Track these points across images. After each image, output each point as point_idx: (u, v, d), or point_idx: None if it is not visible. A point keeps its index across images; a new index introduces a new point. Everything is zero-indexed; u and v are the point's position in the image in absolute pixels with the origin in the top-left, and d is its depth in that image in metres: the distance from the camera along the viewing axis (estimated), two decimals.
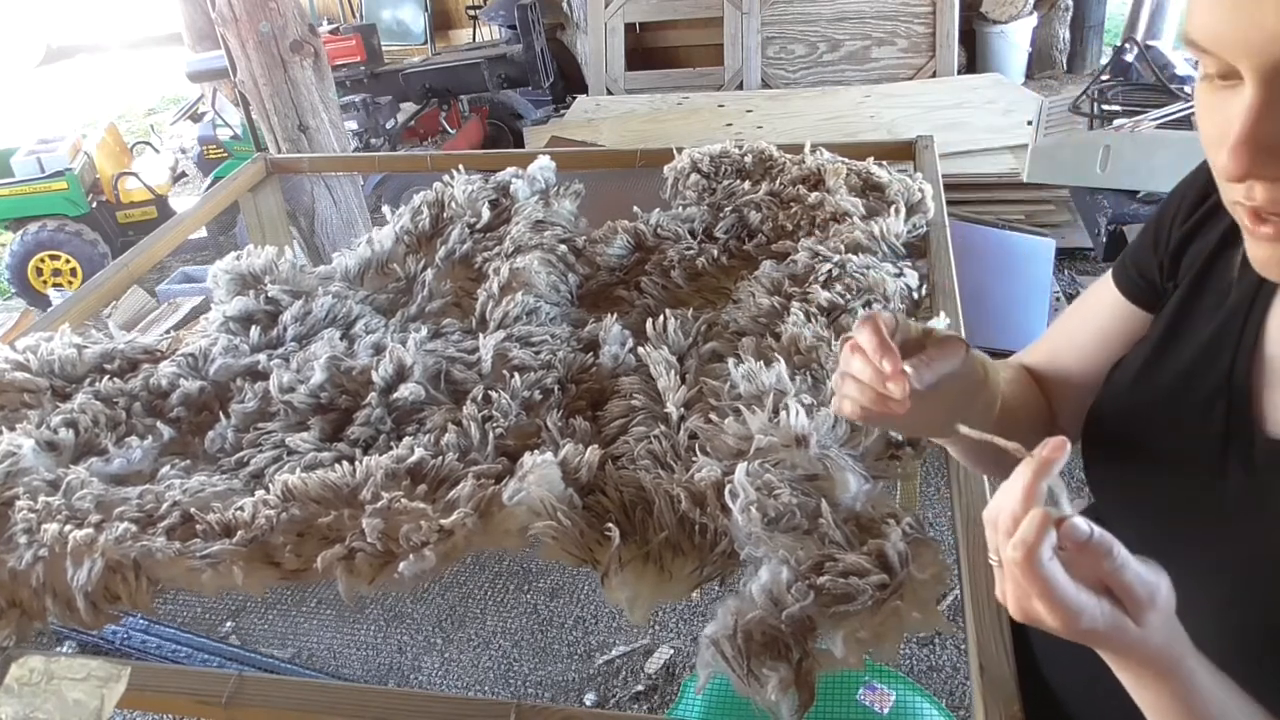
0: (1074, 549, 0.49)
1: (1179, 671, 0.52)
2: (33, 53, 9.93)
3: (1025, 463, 0.51)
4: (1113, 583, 0.50)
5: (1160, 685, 0.53)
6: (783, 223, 1.51)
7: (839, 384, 0.68)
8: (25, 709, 0.85)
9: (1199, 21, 0.48)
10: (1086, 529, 0.49)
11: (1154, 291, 0.73)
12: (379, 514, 0.95)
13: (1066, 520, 0.49)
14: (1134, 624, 0.50)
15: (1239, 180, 0.49)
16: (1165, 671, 0.52)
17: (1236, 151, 0.47)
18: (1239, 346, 0.63)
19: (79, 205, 4.23)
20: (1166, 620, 0.51)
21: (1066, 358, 0.81)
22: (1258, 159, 0.47)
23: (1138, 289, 0.74)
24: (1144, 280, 0.74)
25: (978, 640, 0.79)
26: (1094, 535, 0.49)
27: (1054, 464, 0.51)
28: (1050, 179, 2.67)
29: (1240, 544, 0.61)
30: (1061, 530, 0.49)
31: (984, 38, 5.57)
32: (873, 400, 0.65)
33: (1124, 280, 0.76)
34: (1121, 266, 0.76)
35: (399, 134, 4.63)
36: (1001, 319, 2.96)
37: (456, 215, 1.61)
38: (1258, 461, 0.61)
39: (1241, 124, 0.46)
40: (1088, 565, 0.49)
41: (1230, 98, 0.48)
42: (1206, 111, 0.51)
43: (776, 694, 0.76)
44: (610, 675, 2.12)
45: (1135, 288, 0.75)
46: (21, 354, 1.29)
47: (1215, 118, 0.50)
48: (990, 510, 0.53)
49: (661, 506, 0.95)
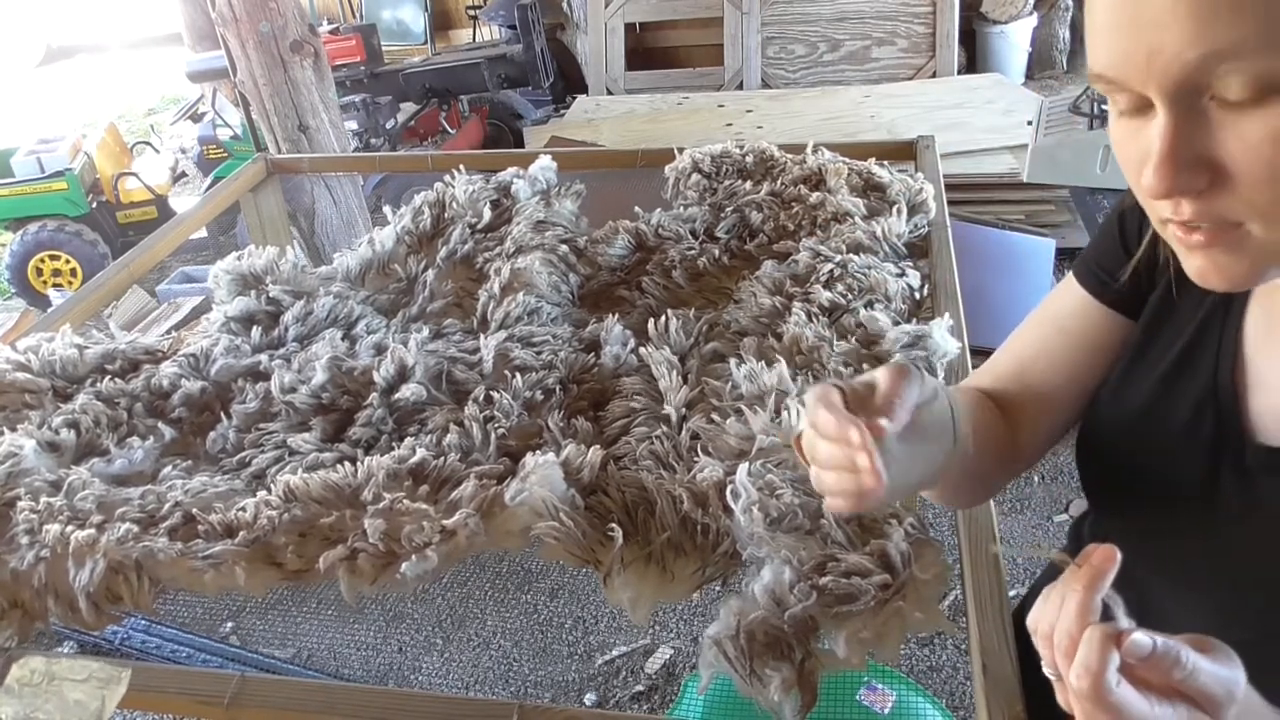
0: (1140, 666, 0.46)
1: None
2: (33, 53, 9.93)
3: (1072, 572, 0.49)
4: (1187, 690, 0.47)
5: None
6: (784, 223, 1.50)
7: (816, 480, 0.62)
8: (26, 709, 0.85)
9: (1101, 55, 0.49)
10: (1149, 642, 0.46)
11: (1127, 292, 0.71)
12: (381, 514, 0.94)
13: (1127, 637, 0.46)
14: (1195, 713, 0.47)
15: (1164, 198, 0.50)
16: None
17: (1160, 171, 0.48)
18: (1220, 351, 0.63)
19: (79, 205, 4.23)
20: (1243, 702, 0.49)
21: (1038, 372, 0.76)
22: (1180, 176, 0.48)
23: (1106, 289, 0.72)
24: (1112, 280, 0.71)
25: (980, 640, 0.79)
26: (1158, 647, 0.46)
27: (1106, 575, 0.48)
28: (1050, 179, 2.67)
29: (1235, 552, 0.61)
30: (1124, 649, 0.46)
31: (984, 38, 5.57)
32: (851, 484, 0.59)
33: (1090, 281, 0.73)
34: (1086, 269, 0.74)
35: (399, 134, 4.63)
36: (1001, 319, 2.95)
37: (457, 215, 1.61)
38: (1250, 469, 0.60)
39: (1160, 144, 0.48)
40: (1156, 676, 0.47)
41: (1144, 125, 0.49)
42: (1122, 142, 0.52)
43: (779, 694, 0.76)
44: (610, 675, 2.12)
45: (1104, 288, 0.72)
46: (23, 354, 1.29)
47: (1132, 146, 0.51)
48: (1036, 620, 0.50)
49: (663, 507, 0.95)
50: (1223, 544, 0.62)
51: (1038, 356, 0.77)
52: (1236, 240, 0.50)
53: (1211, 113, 0.47)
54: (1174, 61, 0.45)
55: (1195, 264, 0.53)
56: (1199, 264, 0.53)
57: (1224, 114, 0.46)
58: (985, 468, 0.75)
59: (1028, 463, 0.80)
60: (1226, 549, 0.62)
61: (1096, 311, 0.73)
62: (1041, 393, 0.76)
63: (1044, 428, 0.77)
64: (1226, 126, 0.46)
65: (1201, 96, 0.46)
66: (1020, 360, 0.78)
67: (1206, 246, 0.51)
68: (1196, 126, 0.47)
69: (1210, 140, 0.47)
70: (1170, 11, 0.44)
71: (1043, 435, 0.77)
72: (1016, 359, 0.78)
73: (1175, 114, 0.47)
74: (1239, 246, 0.50)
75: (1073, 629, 0.48)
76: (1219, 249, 0.51)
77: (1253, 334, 0.62)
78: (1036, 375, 0.76)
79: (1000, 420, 0.77)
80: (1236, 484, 0.61)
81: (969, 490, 0.81)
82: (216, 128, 4.44)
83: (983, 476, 0.78)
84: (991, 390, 0.79)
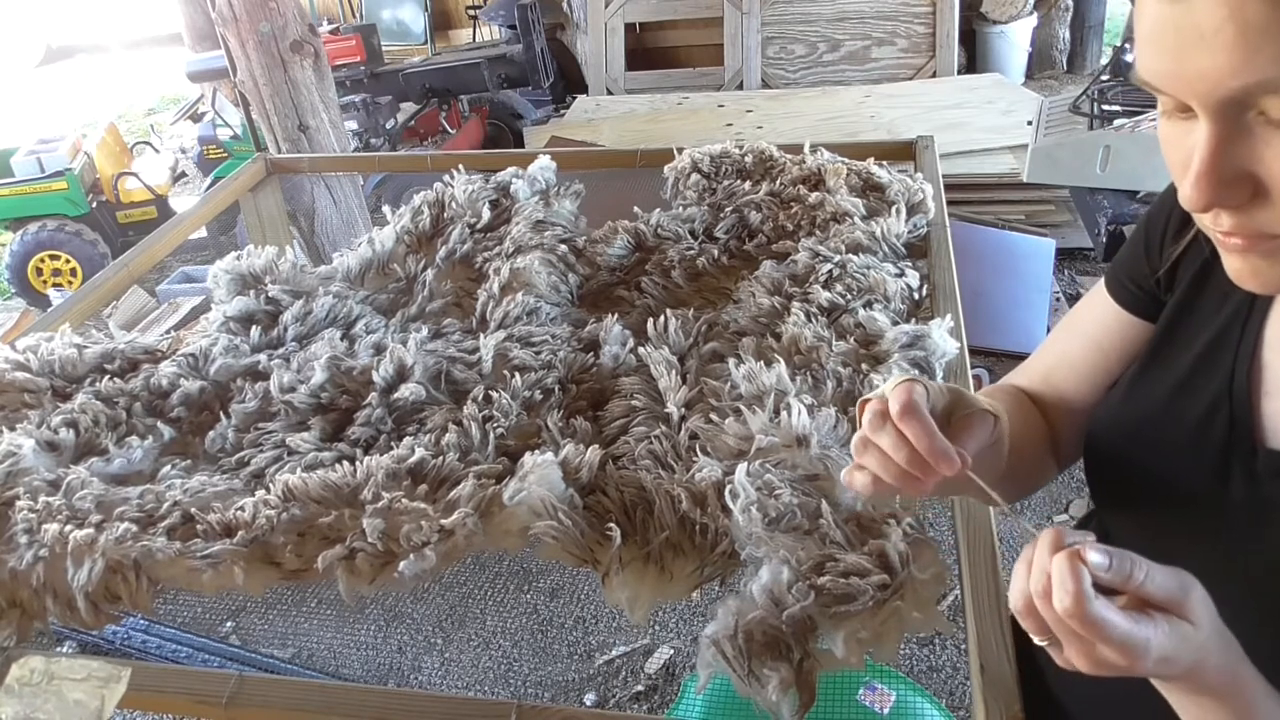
0: (1106, 580, 0.48)
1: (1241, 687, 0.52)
2: (33, 53, 9.93)
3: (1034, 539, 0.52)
4: (1149, 593, 0.49)
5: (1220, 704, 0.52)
6: (783, 223, 1.50)
7: (858, 449, 0.64)
8: (25, 709, 0.85)
9: (1147, 65, 0.49)
10: (1106, 553, 0.48)
11: (1153, 301, 0.72)
12: (379, 514, 0.94)
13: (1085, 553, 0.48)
14: (1192, 625, 0.49)
15: (1203, 211, 0.50)
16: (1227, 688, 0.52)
17: (1199, 184, 0.48)
18: (1238, 354, 0.63)
19: (79, 205, 4.23)
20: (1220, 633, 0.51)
21: (1063, 377, 0.79)
22: (1218, 191, 0.48)
23: (1135, 299, 0.74)
24: (1140, 290, 0.73)
25: (978, 640, 0.79)
26: (1114, 555, 0.48)
27: (1064, 532, 0.51)
28: (1050, 179, 2.67)
29: (1244, 556, 0.61)
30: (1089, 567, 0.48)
31: (984, 38, 5.57)
32: (897, 477, 0.62)
33: (1119, 291, 0.75)
34: (1115, 279, 0.75)
35: (399, 134, 4.63)
36: (1001, 319, 2.96)
37: (457, 215, 1.61)
38: (1260, 473, 0.60)
39: (1200, 159, 0.47)
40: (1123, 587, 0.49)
41: (1190, 129, 0.49)
42: (1169, 143, 0.52)
43: (777, 694, 0.76)
44: (610, 675, 2.12)
45: (1133, 298, 0.74)
46: (22, 354, 1.29)
47: (1178, 149, 0.51)
48: (1014, 597, 0.52)
49: (662, 507, 0.95)
50: (1231, 544, 0.62)
51: (1061, 360, 0.80)
52: (1274, 249, 0.50)
53: (1256, 128, 0.46)
54: (1218, 87, 0.45)
55: (1234, 265, 0.53)
56: (1237, 266, 0.53)
57: (1269, 130, 0.46)
58: (1027, 464, 0.77)
59: (1061, 463, 0.83)
60: (1234, 549, 0.62)
61: (1119, 316, 0.75)
62: (1065, 395, 0.79)
63: (1073, 429, 0.78)
64: (1270, 143, 0.46)
65: (1247, 112, 0.46)
66: (1047, 364, 0.81)
67: (1245, 251, 0.51)
68: (1239, 141, 0.47)
69: (1252, 155, 0.47)
70: (1216, 40, 0.44)
71: (1072, 437, 0.79)
72: (1044, 362, 0.82)
73: (1218, 128, 0.47)
74: (1276, 254, 0.51)
75: (1046, 566, 0.50)
76: (1256, 255, 0.51)
77: (1273, 339, 0.62)
78: (1060, 378, 0.79)
79: (1038, 417, 0.80)
80: (1246, 486, 0.61)
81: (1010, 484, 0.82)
82: (216, 128, 4.44)
83: (1023, 470, 0.79)
84: (1027, 389, 0.82)
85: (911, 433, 0.60)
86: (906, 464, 0.60)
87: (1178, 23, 0.45)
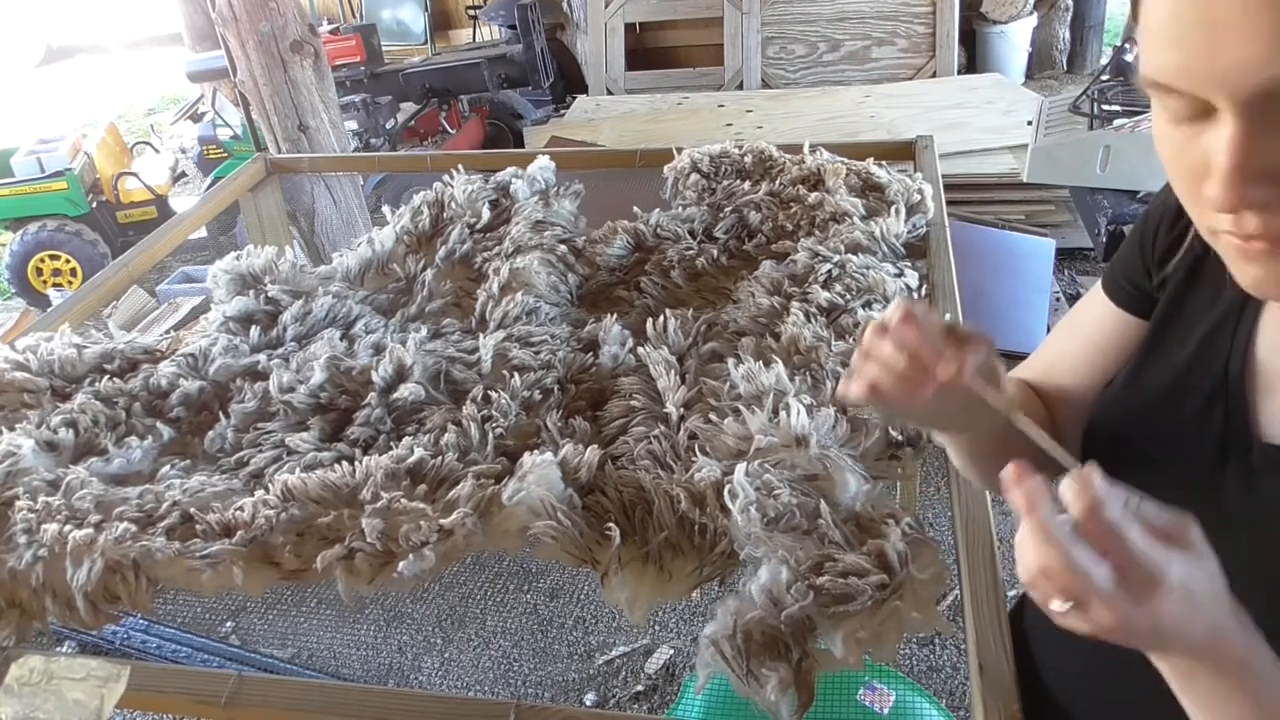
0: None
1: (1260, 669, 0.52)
2: (33, 53, 9.93)
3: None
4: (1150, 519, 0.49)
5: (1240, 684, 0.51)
6: (782, 223, 1.50)
7: (858, 363, 0.65)
8: (25, 709, 0.85)
9: (1162, 61, 0.47)
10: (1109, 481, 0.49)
11: (1149, 300, 0.72)
12: (379, 514, 0.95)
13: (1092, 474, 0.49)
14: (1198, 555, 0.49)
15: (1230, 211, 0.47)
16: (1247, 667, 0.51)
17: (1227, 183, 0.46)
18: (1232, 350, 0.63)
19: (79, 205, 4.23)
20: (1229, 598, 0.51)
21: (1062, 374, 0.80)
22: (1248, 189, 0.46)
23: (1132, 299, 0.74)
24: (1137, 289, 0.73)
25: (977, 640, 0.79)
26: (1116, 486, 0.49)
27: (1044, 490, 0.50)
28: (1050, 179, 2.67)
29: (1238, 548, 0.61)
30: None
31: (984, 38, 5.57)
32: (896, 382, 0.63)
33: (1116, 291, 0.75)
34: (1111, 277, 0.75)
35: (399, 134, 4.63)
36: (1001, 319, 2.96)
37: (456, 215, 1.61)
38: (1255, 467, 0.61)
39: (1229, 157, 0.45)
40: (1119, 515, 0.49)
41: (1202, 133, 0.47)
42: (1176, 150, 0.50)
43: (776, 694, 0.76)
44: (610, 675, 2.12)
45: (1130, 298, 0.74)
46: (21, 354, 1.29)
47: (1186, 154, 0.49)
48: (1022, 569, 0.50)
49: (661, 507, 0.95)
50: (1225, 539, 0.62)
51: (1061, 358, 0.80)
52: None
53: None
54: (1254, 75, 0.43)
55: (1253, 273, 0.51)
56: (1257, 273, 0.51)
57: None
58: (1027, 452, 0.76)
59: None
60: (1229, 544, 0.62)
61: (1117, 316, 0.75)
62: (1065, 390, 0.79)
63: (1073, 424, 0.78)
64: None
65: (1272, 106, 0.44)
66: (1047, 361, 0.82)
67: (1270, 255, 0.49)
68: (1268, 138, 0.45)
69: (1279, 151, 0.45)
70: (1253, 23, 0.42)
71: (1074, 432, 0.79)
72: (1044, 360, 0.82)
73: (1247, 124, 0.44)
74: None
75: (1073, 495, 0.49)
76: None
77: (1267, 334, 0.62)
78: (1060, 375, 0.80)
79: (1041, 409, 0.80)
80: (1241, 481, 0.61)
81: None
82: (216, 128, 4.44)
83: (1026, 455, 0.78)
84: (1030, 384, 0.82)
85: (912, 335, 0.61)
86: (906, 369, 0.61)
87: (1204, 12, 0.43)
